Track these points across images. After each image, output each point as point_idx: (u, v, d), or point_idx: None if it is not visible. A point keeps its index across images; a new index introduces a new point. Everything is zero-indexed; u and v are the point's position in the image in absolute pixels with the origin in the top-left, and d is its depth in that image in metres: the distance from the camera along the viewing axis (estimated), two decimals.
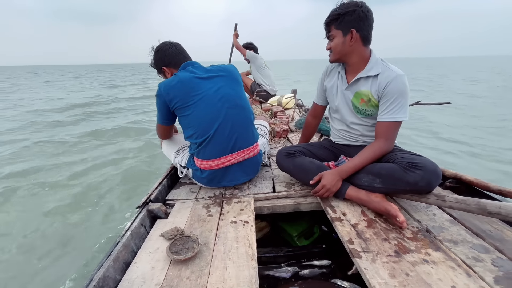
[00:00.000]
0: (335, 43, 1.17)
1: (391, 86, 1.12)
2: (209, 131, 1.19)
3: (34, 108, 8.30)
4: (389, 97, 1.13)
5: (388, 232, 0.94)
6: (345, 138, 1.36)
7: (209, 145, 1.21)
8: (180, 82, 1.17)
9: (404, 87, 1.12)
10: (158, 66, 1.31)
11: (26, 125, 5.99)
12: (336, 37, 1.16)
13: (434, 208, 1.08)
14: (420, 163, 0.98)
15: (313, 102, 1.52)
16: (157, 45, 1.31)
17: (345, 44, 1.15)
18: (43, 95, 11.77)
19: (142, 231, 1.02)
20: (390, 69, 1.15)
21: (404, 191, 1.04)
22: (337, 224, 1.00)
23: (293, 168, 1.29)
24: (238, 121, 1.24)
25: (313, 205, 1.21)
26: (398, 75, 1.12)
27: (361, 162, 1.14)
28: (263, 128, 1.65)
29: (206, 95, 1.18)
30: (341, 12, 1.11)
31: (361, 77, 1.19)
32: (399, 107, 1.12)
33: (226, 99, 1.21)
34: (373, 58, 1.19)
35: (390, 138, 1.15)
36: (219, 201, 1.22)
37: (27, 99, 10.78)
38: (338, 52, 1.19)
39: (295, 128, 2.53)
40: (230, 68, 1.30)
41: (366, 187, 1.11)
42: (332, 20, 1.15)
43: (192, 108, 1.17)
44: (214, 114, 1.18)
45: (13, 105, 9.12)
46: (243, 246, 0.90)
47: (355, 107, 1.25)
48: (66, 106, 8.52)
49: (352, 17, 1.10)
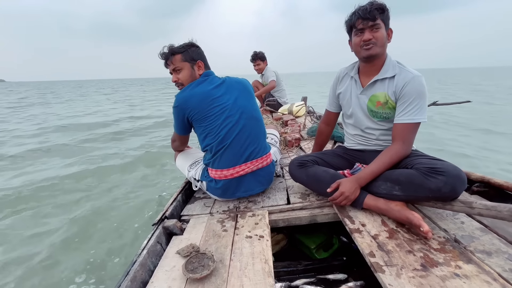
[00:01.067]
0: (382, 34, 1.09)
1: (408, 87, 1.09)
2: (227, 140, 1.22)
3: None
4: (406, 98, 1.09)
5: (412, 243, 0.88)
6: (360, 143, 1.32)
7: (224, 154, 1.23)
8: (199, 93, 1.21)
9: (422, 88, 1.08)
10: (196, 58, 1.28)
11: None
12: (382, 29, 1.09)
13: (461, 216, 1.01)
14: (442, 168, 0.92)
15: (325, 109, 1.50)
16: (191, 40, 1.32)
17: (386, 39, 1.11)
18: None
19: (158, 248, 1.02)
20: (407, 70, 1.12)
21: (427, 198, 0.98)
22: (356, 236, 0.95)
23: (306, 178, 1.26)
24: (254, 131, 1.27)
25: (330, 216, 1.17)
26: (415, 76, 1.09)
27: (379, 168, 1.09)
28: (273, 137, 1.65)
29: (226, 106, 1.22)
30: (384, 6, 1.07)
31: (377, 79, 1.17)
32: (417, 109, 1.08)
33: (243, 110, 1.25)
34: (389, 60, 1.16)
35: (407, 140, 1.11)
36: (233, 215, 1.21)
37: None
38: (383, 45, 1.10)
39: (307, 136, 2.50)
40: (244, 81, 1.35)
41: (384, 195, 1.06)
42: (380, 9, 1.06)
43: (213, 118, 1.21)
44: (233, 124, 1.22)
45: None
46: (259, 262, 0.88)
47: (370, 110, 1.21)
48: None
49: (389, 16, 1.09)
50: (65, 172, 3.53)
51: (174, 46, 1.27)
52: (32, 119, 8.80)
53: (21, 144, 5.23)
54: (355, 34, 1.14)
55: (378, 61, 1.16)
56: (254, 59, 3.64)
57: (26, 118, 9.04)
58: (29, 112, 10.58)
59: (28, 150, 4.65)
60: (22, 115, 9.88)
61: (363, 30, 1.10)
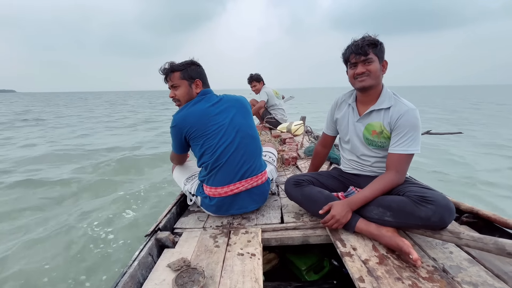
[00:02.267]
0: (375, 67, 1.15)
1: (403, 119, 1.14)
2: (222, 158, 1.23)
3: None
4: (401, 129, 1.14)
5: (402, 270, 0.90)
6: (355, 167, 1.36)
7: (219, 172, 1.25)
8: (196, 112, 1.24)
9: (416, 121, 1.13)
10: (195, 77, 1.30)
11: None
12: (375, 62, 1.15)
13: (450, 245, 1.03)
14: (431, 197, 0.95)
15: (322, 132, 1.54)
16: (192, 59, 1.34)
17: (380, 71, 1.17)
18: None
19: (149, 260, 1.02)
20: (402, 103, 1.17)
21: (416, 226, 1.00)
22: (347, 259, 0.96)
23: (301, 197, 1.28)
24: (249, 150, 1.28)
25: (323, 237, 1.18)
26: (410, 109, 1.14)
27: (372, 194, 1.12)
28: (270, 155, 1.68)
29: (223, 125, 1.25)
30: (377, 41, 1.14)
31: (373, 109, 1.22)
32: (411, 140, 1.13)
33: (239, 128, 1.27)
34: (385, 91, 1.22)
35: (401, 170, 1.14)
36: (226, 231, 1.21)
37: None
38: (377, 77, 1.16)
39: (304, 155, 2.54)
40: (241, 99, 1.37)
41: (376, 220, 1.08)
42: (372, 44, 1.13)
43: (210, 136, 1.23)
44: (228, 143, 1.24)
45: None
46: (249, 281, 0.88)
47: (366, 138, 1.26)
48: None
49: (384, 49, 1.16)
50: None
51: (175, 64, 1.29)
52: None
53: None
54: (350, 67, 1.22)
55: (373, 91, 1.22)
56: (250, 81, 3.88)
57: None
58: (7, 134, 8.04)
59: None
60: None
61: (356, 64, 1.17)
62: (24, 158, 5.09)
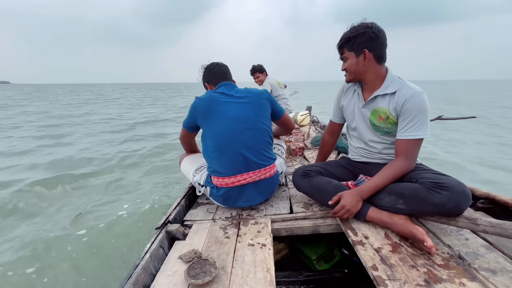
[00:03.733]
0: (349, 63, 1.20)
1: (409, 104, 1.10)
2: (225, 148, 1.24)
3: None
4: (407, 114, 1.10)
5: (416, 258, 0.88)
6: (364, 155, 1.33)
7: (224, 162, 1.25)
8: (208, 97, 1.29)
9: (423, 104, 1.09)
10: (203, 81, 1.49)
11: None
12: (350, 59, 1.19)
13: (466, 232, 1.00)
14: (446, 183, 0.92)
15: (329, 120, 1.51)
16: (207, 64, 1.48)
17: (359, 64, 1.17)
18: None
19: (161, 253, 1.03)
20: (408, 87, 1.13)
21: (431, 213, 0.98)
22: (359, 248, 0.95)
23: (310, 188, 1.27)
24: (254, 142, 1.26)
25: (333, 227, 1.17)
26: (416, 92, 1.10)
27: (382, 182, 1.10)
28: (280, 148, 1.66)
29: (226, 113, 1.25)
30: (351, 35, 1.15)
31: (378, 95, 1.19)
32: (419, 125, 1.09)
33: (244, 120, 1.25)
34: (390, 76, 1.18)
35: (410, 156, 1.11)
36: (236, 222, 1.21)
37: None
38: (353, 72, 1.21)
39: (311, 145, 2.51)
40: (258, 93, 1.36)
41: (388, 208, 1.06)
42: (344, 43, 1.18)
43: (211, 122, 1.26)
44: (229, 133, 1.23)
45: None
46: (261, 271, 0.87)
47: (373, 124, 1.23)
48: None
49: (363, 39, 1.13)
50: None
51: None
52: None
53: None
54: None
55: (367, 80, 1.22)
56: (253, 72, 3.83)
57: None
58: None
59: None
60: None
61: (342, 60, 1.25)
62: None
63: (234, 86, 1.38)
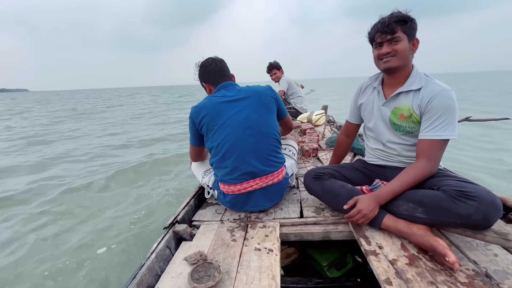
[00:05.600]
0: (403, 46, 1.04)
1: (436, 101, 1.01)
2: (229, 156, 1.19)
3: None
4: (433, 112, 1.02)
5: (436, 273, 0.80)
6: (381, 157, 1.25)
7: (230, 170, 1.21)
8: (207, 106, 1.22)
9: (452, 102, 1.00)
10: (200, 81, 1.40)
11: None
12: (403, 41, 1.04)
13: (495, 247, 0.91)
14: (474, 192, 0.84)
15: (346, 120, 1.44)
16: (201, 61, 1.37)
17: (408, 51, 1.06)
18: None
19: (167, 253, 1.03)
20: (435, 83, 1.05)
21: (454, 224, 0.89)
22: (372, 258, 0.89)
23: (322, 192, 1.21)
24: (259, 148, 1.21)
25: (345, 234, 1.11)
26: (444, 89, 1.01)
27: (400, 187, 1.02)
28: (291, 149, 1.61)
29: (230, 120, 1.19)
30: (409, 17, 1.03)
31: (401, 91, 1.10)
32: (445, 124, 1.00)
33: (248, 126, 1.19)
34: (415, 72, 1.10)
35: (433, 158, 1.02)
36: (243, 224, 1.19)
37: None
38: (404, 57, 1.06)
39: (326, 146, 2.43)
40: (262, 92, 1.27)
41: (405, 217, 0.99)
42: (400, 21, 1.03)
43: (216, 131, 1.20)
44: (236, 140, 1.19)
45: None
46: (266, 278, 0.84)
47: (393, 123, 1.15)
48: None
49: (416, 26, 1.04)
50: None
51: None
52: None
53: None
54: (375, 47, 1.11)
55: (401, 73, 1.10)
56: (270, 69, 3.77)
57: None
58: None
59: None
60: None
61: (382, 44, 1.07)
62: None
63: (235, 86, 1.29)
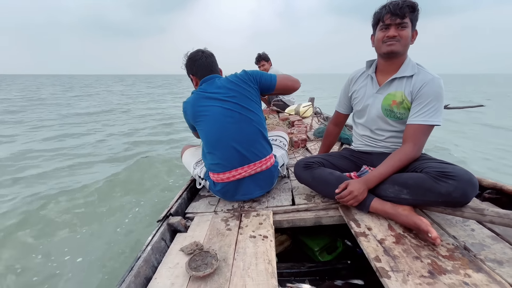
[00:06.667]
0: (408, 33, 1.06)
1: (426, 88, 1.06)
2: (217, 144, 1.22)
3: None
4: (423, 99, 1.07)
5: (420, 249, 0.86)
6: (368, 144, 1.30)
7: (219, 158, 1.23)
8: (191, 102, 1.29)
9: (441, 90, 1.06)
10: (187, 72, 1.40)
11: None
12: (408, 28, 1.06)
13: (472, 223, 0.98)
14: (453, 172, 0.90)
15: (335, 110, 1.48)
16: (191, 51, 1.36)
17: (409, 40, 1.09)
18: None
19: (162, 245, 1.03)
20: (426, 71, 1.10)
21: (436, 203, 0.95)
22: (362, 239, 0.94)
23: (312, 180, 1.25)
24: (245, 134, 1.22)
25: (335, 218, 1.15)
26: (434, 78, 1.07)
27: (387, 170, 1.07)
28: (282, 140, 1.63)
29: (212, 111, 1.22)
30: (417, 5, 1.04)
31: (395, 77, 1.15)
32: (433, 111, 1.06)
33: (229, 114, 1.21)
34: (408, 60, 1.15)
35: (418, 143, 1.08)
36: (237, 214, 1.21)
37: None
38: (406, 44, 1.09)
39: (314, 137, 2.48)
40: (238, 79, 1.28)
41: (392, 199, 1.04)
42: (410, 7, 1.03)
43: (201, 124, 1.26)
44: (220, 129, 1.21)
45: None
46: (262, 263, 0.87)
47: (384, 109, 1.19)
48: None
49: (418, 17, 1.07)
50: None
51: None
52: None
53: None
54: (381, 28, 1.10)
55: (397, 60, 1.14)
56: (258, 60, 3.71)
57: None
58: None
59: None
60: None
61: (389, 26, 1.07)
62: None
63: (214, 80, 1.29)
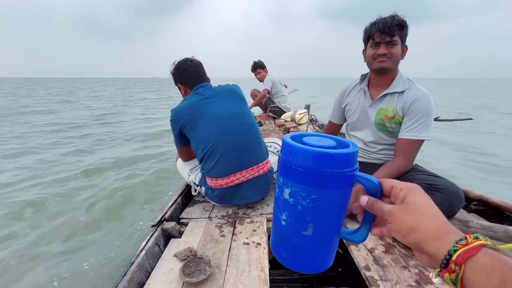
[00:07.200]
0: (397, 50, 1.10)
1: (417, 104, 1.11)
2: (217, 149, 1.22)
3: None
4: (414, 114, 1.11)
5: (408, 259, 0.89)
6: (360, 155, 1.34)
7: (218, 163, 1.23)
8: (187, 106, 1.25)
9: (430, 106, 1.10)
10: (175, 81, 1.38)
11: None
12: (398, 45, 1.10)
13: None
14: (440, 185, 0.94)
15: (329, 120, 1.52)
16: (178, 60, 1.35)
17: (400, 55, 1.12)
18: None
19: (156, 250, 1.03)
20: (417, 87, 1.14)
21: None
22: (353, 248, 0.96)
23: None
24: (245, 138, 1.25)
25: None
26: (425, 94, 1.11)
27: None
28: (276, 146, 1.66)
29: (212, 114, 1.23)
30: (405, 23, 1.07)
31: (387, 93, 1.18)
32: (423, 126, 1.10)
33: (231, 117, 1.24)
34: (399, 75, 1.19)
35: (409, 156, 1.12)
36: (231, 220, 1.22)
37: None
38: (397, 61, 1.13)
39: None
40: (234, 88, 1.34)
41: None
42: (398, 26, 1.06)
43: (199, 128, 1.23)
44: (220, 132, 1.22)
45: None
46: (255, 270, 0.88)
47: (377, 123, 1.23)
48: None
49: (407, 33, 1.09)
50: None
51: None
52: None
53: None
54: (371, 46, 1.14)
55: (389, 75, 1.18)
56: (254, 68, 3.77)
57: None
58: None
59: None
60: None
61: (380, 44, 1.11)
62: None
63: (210, 86, 1.33)
